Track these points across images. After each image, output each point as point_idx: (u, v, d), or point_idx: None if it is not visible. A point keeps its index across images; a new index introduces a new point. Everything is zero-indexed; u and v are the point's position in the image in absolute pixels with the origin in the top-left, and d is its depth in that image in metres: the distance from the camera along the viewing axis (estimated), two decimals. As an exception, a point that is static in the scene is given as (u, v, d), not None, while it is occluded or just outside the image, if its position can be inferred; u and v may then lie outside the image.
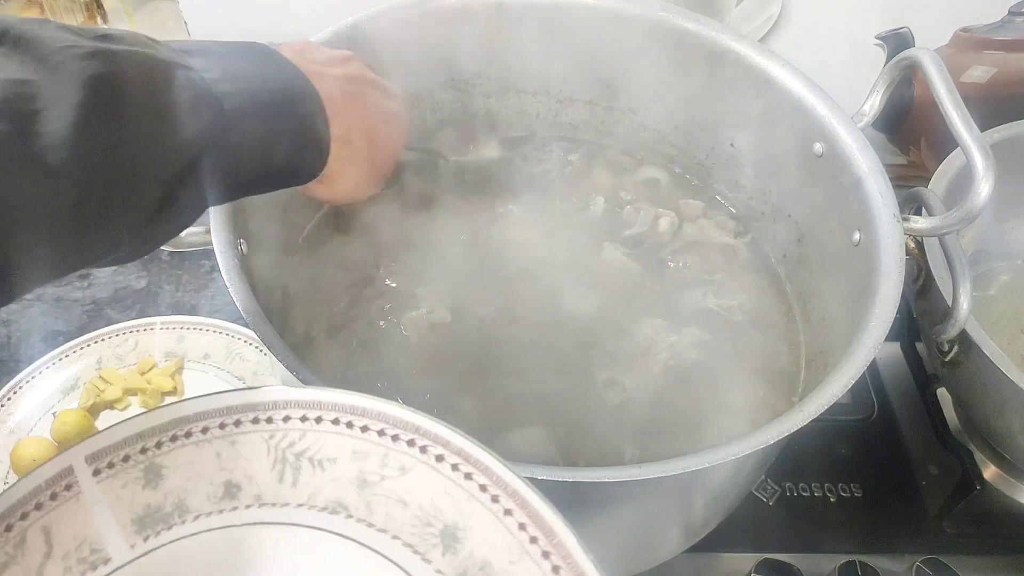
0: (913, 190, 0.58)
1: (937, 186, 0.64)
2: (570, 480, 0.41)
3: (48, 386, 0.70)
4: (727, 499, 0.56)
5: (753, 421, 0.56)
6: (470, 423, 0.48)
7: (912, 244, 0.59)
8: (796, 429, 0.43)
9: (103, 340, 0.73)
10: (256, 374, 0.72)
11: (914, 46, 0.82)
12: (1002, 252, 0.75)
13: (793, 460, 0.67)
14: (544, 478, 0.39)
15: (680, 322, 0.62)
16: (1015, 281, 0.75)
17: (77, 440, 0.39)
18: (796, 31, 0.86)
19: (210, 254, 0.50)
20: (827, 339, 0.58)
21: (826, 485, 0.68)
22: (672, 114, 0.72)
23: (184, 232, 0.51)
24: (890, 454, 0.71)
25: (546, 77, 0.74)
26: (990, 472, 0.69)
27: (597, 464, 0.47)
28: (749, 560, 0.61)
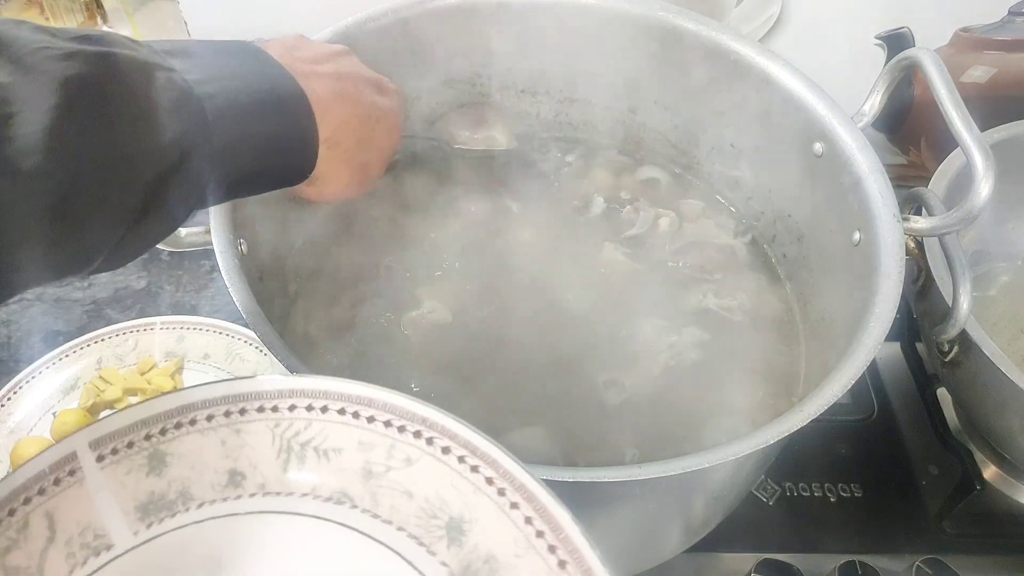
0: (913, 190, 0.58)
1: (937, 186, 0.64)
2: (570, 480, 0.41)
3: (48, 386, 0.70)
4: (727, 499, 0.56)
5: (753, 421, 0.56)
6: (470, 422, 0.48)
7: (912, 244, 0.59)
8: (796, 429, 0.43)
9: (103, 340, 0.73)
10: (256, 374, 0.71)
11: (914, 46, 0.82)
12: (1002, 252, 0.75)
13: (793, 460, 0.67)
14: (544, 478, 0.39)
15: (680, 322, 0.62)
16: (1015, 281, 0.75)
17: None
18: (796, 31, 0.86)
19: (210, 254, 0.50)
20: (827, 339, 0.58)
21: (826, 485, 0.68)
22: (672, 114, 0.72)
23: (184, 232, 0.52)
24: (890, 454, 0.71)
25: (546, 77, 0.74)
26: (990, 472, 0.69)
27: (597, 464, 0.46)
28: (749, 560, 0.61)
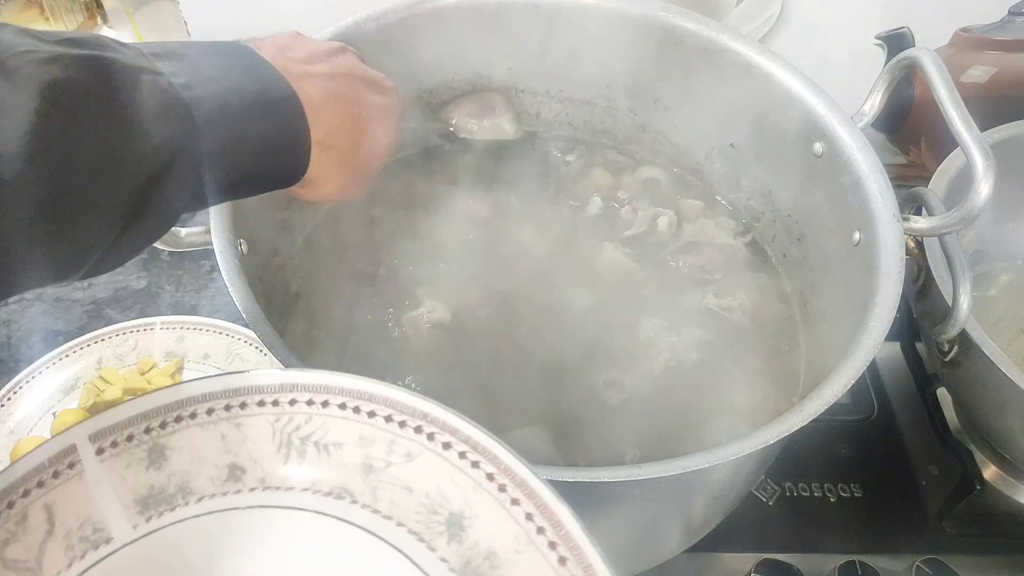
0: (913, 190, 0.58)
1: (937, 186, 0.64)
2: (570, 480, 0.41)
3: (48, 386, 0.70)
4: (727, 499, 0.56)
5: (753, 421, 0.56)
6: (470, 423, 0.48)
7: (912, 244, 0.59)
8: (796, 429, 0.43)
9: (103, 340, 0.73)
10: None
11: (914, 46, 0.82)
12: (1002, 252, 0.75)
13: (793, 460, 0.67)
14: (544, 478, 0.39)
15: (680, 322, 0.62)
16: (1015, 281, 0.75)
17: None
18: (796, 31, 0.86)
19: (210, 254, 0.50)
20: (827, 339, 0.58)
21: (826, 485, 0.68)
22: (672, 114, 0.72)
23: (184, 232, 0.52)
24: (890, 454, 0.71)
25: (546, 77, 0.74)
26: (990, 472, 0.69)
27: (597, 464, 0.46)
28: (749, 560, 0.61)
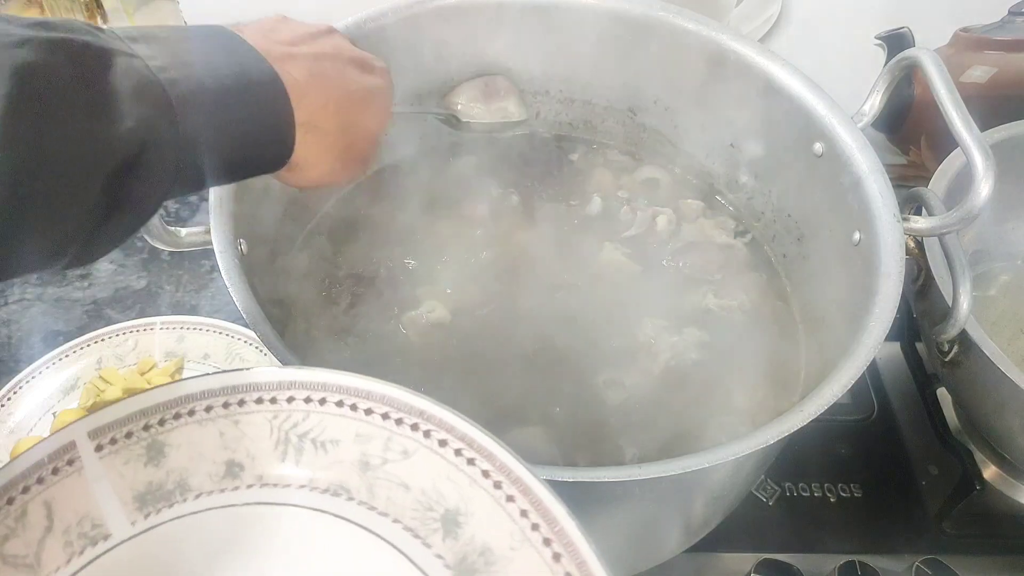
0: (913, 190, 0.58)
1: (937, 186, 0.64)
2: (570, 480, 0.41)
3: (48, 386, 0.70)
4: (727, 499, 0.56)
5: (753, 421, 0.56)
6: (470, 423, 0.48)
7: (912, 244, 0.59)
8: (796, 429, 0.43)
9: (103, 340, 0.73)
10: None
11: (914, 46, 0.81)
12: (1002, 252, 0.75)
13: (793, 460, 0.67)
14: (544, 478, 0.39)
15: (680, 322, 0.62)
16: (1015, 281, 0.75)
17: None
18: (796, 31, 0.86)
19: (210, 254, 0.50)
20: (827, 339, 0.58)
21: (826, 485, 0.68)
22: (672, 114, 0.72)
23: (184, 232, 0.52)
24: (890, 454, 0.71)
25: (546, 77, 0.74)
26: (990, 472, 0.69)
27: (597, 464, 0.46)
28: (749, 560, 0.61)
